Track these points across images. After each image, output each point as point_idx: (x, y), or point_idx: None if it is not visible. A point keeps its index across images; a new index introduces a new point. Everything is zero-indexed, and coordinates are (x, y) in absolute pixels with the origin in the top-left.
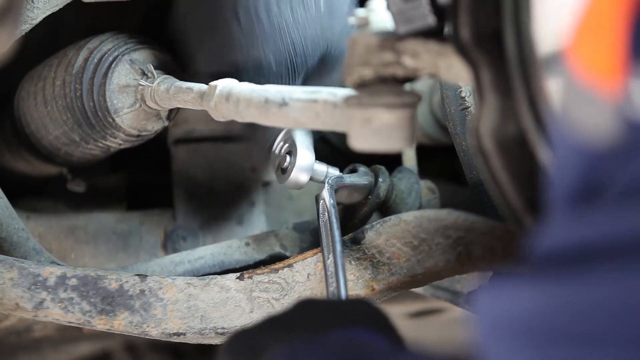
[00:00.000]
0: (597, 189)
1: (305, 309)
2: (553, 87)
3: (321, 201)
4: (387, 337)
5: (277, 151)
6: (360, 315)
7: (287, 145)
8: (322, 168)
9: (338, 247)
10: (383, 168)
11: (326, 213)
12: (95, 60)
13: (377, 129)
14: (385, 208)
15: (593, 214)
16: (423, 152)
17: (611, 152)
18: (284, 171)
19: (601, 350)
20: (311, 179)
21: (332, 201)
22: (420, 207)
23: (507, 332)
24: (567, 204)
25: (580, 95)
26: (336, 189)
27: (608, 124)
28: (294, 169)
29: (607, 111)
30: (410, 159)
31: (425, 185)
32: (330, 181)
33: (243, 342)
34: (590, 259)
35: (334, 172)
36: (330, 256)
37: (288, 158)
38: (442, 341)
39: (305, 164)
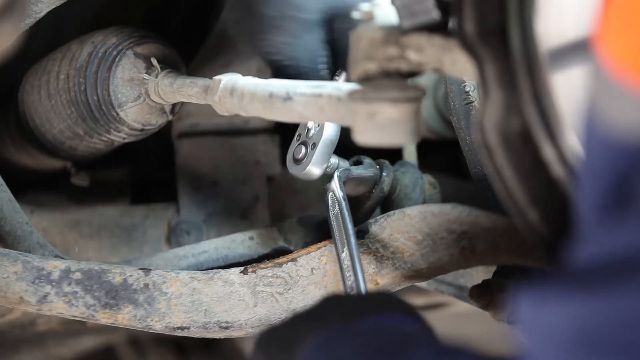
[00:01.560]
0: (629, 190)
1: (333, 301)
2: (565, 79)
3: (330, 194)
4: (420, 324)
5: (301, 134)
6: (390, 303)
7: (311, 134)
8: (334, 161)
9: (353, 240)
10: (387, 162)
11: (336, 206)
12: (100, 54)
13: (381, 124)
14: (389, 203)
15: (627, 221)
16: (427, 146)
17: None
18: (297, 161)
19: None
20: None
21: (342, 194)
22: (423, 202)
23: (557, 345)
24: (599, 210)
25: (611, 90)
26: (344, 182)
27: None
28: (311, 163)
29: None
30: (410, 153)
31: (427, 179)
32: (339, 173)
33: (274, 337)
34: (632, 270)
35: (344, 164)
36: (345, 249)
37: (303, 149)
38: (446, 336)
39: (323, 160)
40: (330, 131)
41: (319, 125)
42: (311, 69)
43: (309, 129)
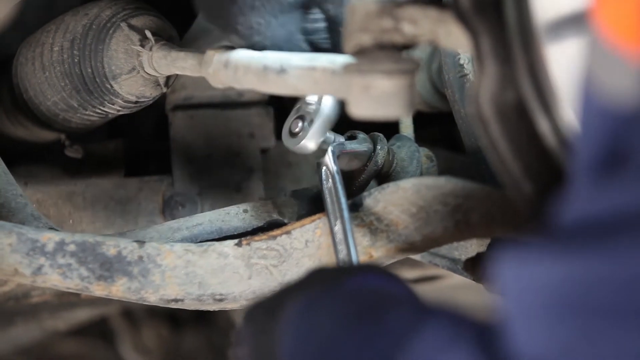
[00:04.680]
0: (622, 154)
1: (317, 272)
2: (561, 52)
3: (323, 168)
4: (401, 285)
5: (300, 107)
6: (370, 268)
7: (310, 108)
8: (329, 135)
9: (346, 214)
10: (381, 136)
11: (330, 180)
12: (94, 26)
13: (376, 96)
14: (386, 177)
15: (617, 183)
16: (420, 119)
17: (635, 117)
18: (293, 135)
19: (631, 322)
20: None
21: (335, 168)
22: (420, 176)
23: (536, 305)
24: (591, 171)
25: (606, 58)
26: (338, 156)
27: (633, 87)
28: (306, 138)
29: (632, 74)
30: (407, 126)
31: (424, 153)
32: (332, 148)
33: (260, 309)
34: (617, 230)
35: (339, 139)
36: (338, 223)
37: (300, 123)
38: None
39: (318, 135)
40: (329, 107)
41: (319, 100)
42: (287, 48)
43: (308, 104)
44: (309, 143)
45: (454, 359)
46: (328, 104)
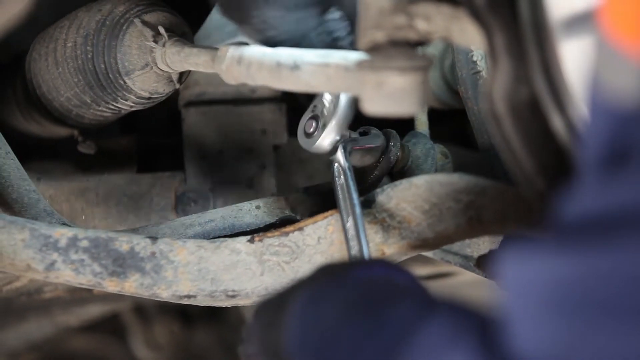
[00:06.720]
0: (626, 152)
1: (324, 267)
2: (574, 49)
3: (335, 164)
4: (407, 276)
5: (317, 105)
6: (377, 260)
7: (325, 109)
8: (343, 133)
9: (357, 210)
10: (394, 132)
11: (342, 176)
12: (107, 22)
13: (389, 93)
14: (401, 174)
15: (621, 180)
16: (433, 116)
17: (638, 115)
18: (308, 135)
19: (632, 320)
20: None
21: (347, 164)
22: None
23: (537, 302)
24: (596, 168)
25: (611, 56)
26: (349, 152)
27: (636, 86)
28: (320, 139)
29: (636, 73)
30: (422, 123)
31: (439, 150)
32: (344, 144)
33: (268, 304)
34: (618, 228)
35: (353, 135)
36: (350, 219)
37: (314, 123)
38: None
39: (334, 135)
40: (344, 107)
41: (334, 100)
42: (304, 45)
43: (324, 102)
44: (324, 143)
45: (455, 359)
46: (343, 103)
